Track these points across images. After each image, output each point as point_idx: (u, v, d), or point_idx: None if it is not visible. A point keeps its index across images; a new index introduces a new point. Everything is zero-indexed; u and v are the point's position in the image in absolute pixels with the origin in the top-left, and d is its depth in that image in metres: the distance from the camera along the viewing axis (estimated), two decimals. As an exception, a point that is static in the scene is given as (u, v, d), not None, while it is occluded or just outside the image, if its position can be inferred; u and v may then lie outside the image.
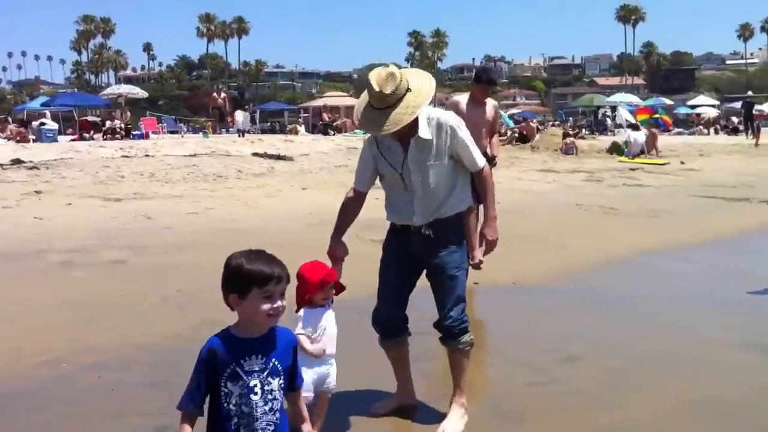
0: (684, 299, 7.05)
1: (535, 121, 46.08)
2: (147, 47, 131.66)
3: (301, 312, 3.74)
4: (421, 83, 4.00)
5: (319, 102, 51.88)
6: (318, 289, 3.71)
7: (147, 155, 17.58)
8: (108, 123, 28.24)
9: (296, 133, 31.91)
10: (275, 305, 2.55)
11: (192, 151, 18.68)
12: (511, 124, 37.87)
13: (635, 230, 10.55)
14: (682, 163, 21.55)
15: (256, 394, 2.55)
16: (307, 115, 46.65)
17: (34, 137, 23.79)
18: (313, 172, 16.38)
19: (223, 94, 33.25)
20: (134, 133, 29.03)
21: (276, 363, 2.61)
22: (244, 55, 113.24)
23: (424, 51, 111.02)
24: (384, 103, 3.83)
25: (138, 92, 41.00)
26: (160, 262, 7.68)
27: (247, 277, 2.53)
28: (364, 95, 4.01)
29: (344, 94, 61.42)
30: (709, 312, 6.63)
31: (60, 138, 24.85)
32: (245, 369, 2.55)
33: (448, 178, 4.09)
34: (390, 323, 4.32)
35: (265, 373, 2.58)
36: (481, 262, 4.64)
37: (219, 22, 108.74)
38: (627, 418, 4.31)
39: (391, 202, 4.23)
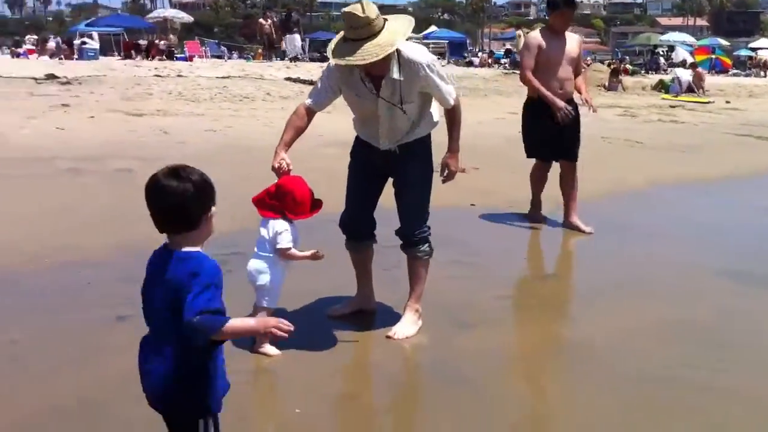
0: (681, 228, 6.95)
1: (588, 59, 45.02)
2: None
3: (288, 227, 3.84)
4: (397, 18, 3.96)
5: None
6: (312, 208, 3.88)
7: (180, 75, 17.66)
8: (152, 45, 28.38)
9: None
10: None
11: (226, 74, 18.69)
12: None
13: (655, 163, 10.36)
14: (728, 102, 20.91)
15: None
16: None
17: (76, 56, 24.04)
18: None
19: (269, 21, 32.20)
20: (178, 56, 29.12)
21: None
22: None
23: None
24: (363, 33, 3.75)
25: (183, 16, 40.90)
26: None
27: (212, 189, 2.32)
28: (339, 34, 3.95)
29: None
30: (701, 241, 6.54)
31: (105, 59, 25.09)
32: None
33: (416, 112, 4.11)
34: (353, 225, 4.40)
35: None
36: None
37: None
38: (585, 333, 4.31)
39: (358, 121, 4.29)
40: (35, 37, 32.59)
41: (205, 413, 2.28)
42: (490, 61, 36.67)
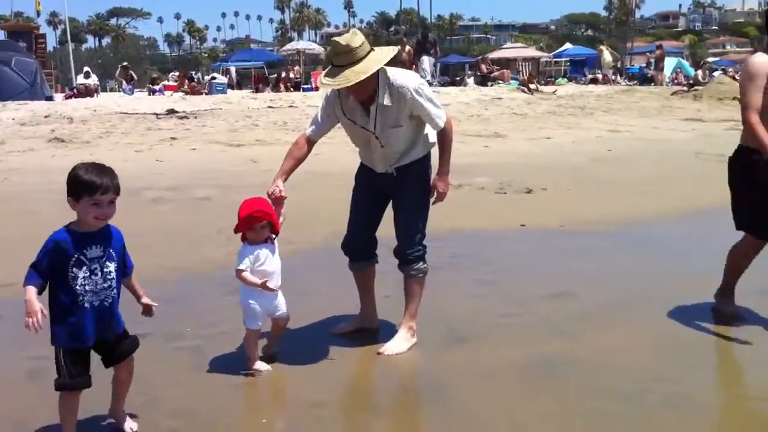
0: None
1: (731, 70, 42.93)
2: (348, 4, 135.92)
3: (240, 247, 4.06)
4: (381, 49, 4.26)
5: (495, 54, 51.24)
6: (244, 225, 3.99)
7: (291, 106, 18.51)
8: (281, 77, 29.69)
9: (465, 84, 31.93)
10: (102, 211, 3.07)
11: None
12: (691, 72, 35.69)
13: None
14: None
15: (96, 275, 3.12)
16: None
17: (206, 91, 25.62)
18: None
19: (408, 48, 29.75)
20: (304, 86, 30.34)
21: (111, 252, 3.19)
22: (439, 9, 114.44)
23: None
24: (349, 59, 4.03)
25: (314, 48, 42.62)
26: (240, 200, 8.32)
27: (80, 185, 3.04)
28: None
29: (522, 45, 60.07)
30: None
31: (233, 92, 26.56)
32: (88, 257, 3.10)
33: (410, 136, 4.35)
34: (355, 246, 4.64)
35: (104, 259, 3.15)
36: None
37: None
38: (573, 350, 4.34)
39: (357, 147, 4.56)
40: (177, 73, 34.84)
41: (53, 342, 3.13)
42: (614, 77, 35.71)
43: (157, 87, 27.42)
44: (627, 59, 71.15)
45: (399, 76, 4.24)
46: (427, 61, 27.35)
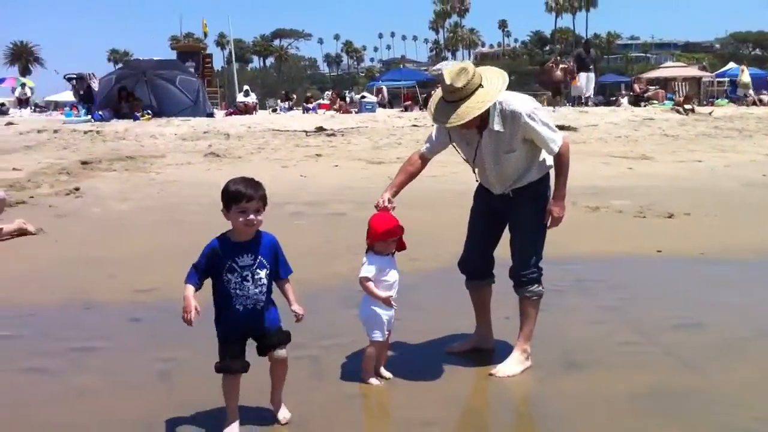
0: None
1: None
2: (502, 24, 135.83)
3: (365, 258, 4.21)
4: (493, 79, 4.22)
5: (652, 74, 49.45)
6: (379, 238, 4.16)
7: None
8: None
9: (618, 105, 31.07)
10: (248, 218, 3.41)
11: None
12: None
13: None
14: None
15: (248, 281, 3.47)
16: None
17: (356, 110, 26.35)
18: (586, 142, 16.14)
19: (562, 66, 27.70)
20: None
21: (262, 259, 3.50)
22: (595, 27, 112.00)
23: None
24: (455, 97, 4.09)
25: (464, 67, 42.71)
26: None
27: (228, 195, 3.43)
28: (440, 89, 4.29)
29: (682, 64, 57.54)
30: None
31: (382, 110, 27.15)
32: (239, 264, 3.45)
33: (524, 160, 4.35)
34: (470, 265, 4.69)
35: (255, 266, 3.48)
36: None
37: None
38: (695, 382, 4.17)
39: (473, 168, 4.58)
40: (331, 92, 36.09)
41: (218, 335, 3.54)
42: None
43: (311, 105, 28.48)
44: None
45: (512, 100, 4.23)
46: (585, 78, 26.15)
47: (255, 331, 3.56)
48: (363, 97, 27.70)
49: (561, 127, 17.96)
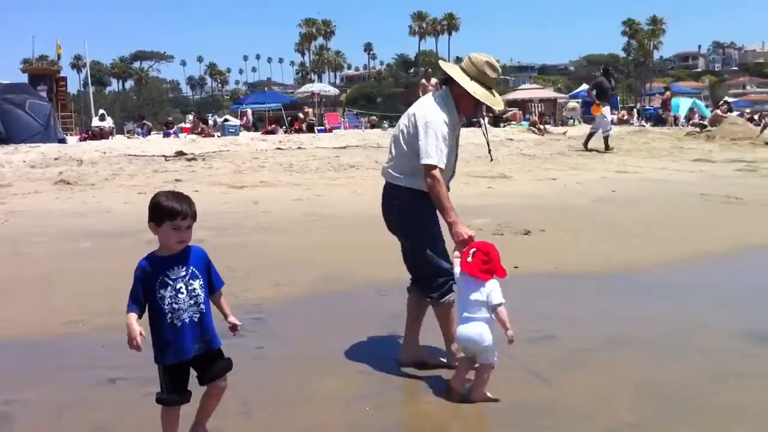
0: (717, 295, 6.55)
1: (747, 111, 43.05)
2: (368, 47, 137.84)
3: (495, 283, 4.18)
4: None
5: (510, 95, 51.48)
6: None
7: (300, 147, 18.58)
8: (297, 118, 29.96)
9: (479, 125, 31.93)
10: (181, 235, 3.32)
11: (345, 144, 19.47)
12: (707, 113, 35.61)
13: (747, 222, 9.72)
14: None
15: (182, 293, 3.33)
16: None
17: (218, 133, 25.84)
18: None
19: (434, 80, 24.85)
20: (318, 128, 30.55)
21: (194, 269, 3.38)
22: (457, 51, 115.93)
23: (639, 40, 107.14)
24: (494, 84, 4.56)
25: (329, 90, 43.06)
26: (233, 241, 8.30)
27: (162, 211, 3.30)
28: (473, 84, 4.46)
29: (538, 86, 60.35)
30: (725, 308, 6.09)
31: (247, 134, 26.73)
32: (171, 277, 3.32)
33: None
34: None
35: (187, 277, 3.35)
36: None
37: (430, 20, 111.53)
38: (544, 396, 4.23)
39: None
40: (190, 116, 35.28)
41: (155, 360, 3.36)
42: (626, 117, 36.02)
43: (172, 130, 27.71)
44: (645, 100, 71.39)
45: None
46: (608, 110, 20.34)
47: (201, 347, 3.38)
48: (226, 120, 27.23)
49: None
